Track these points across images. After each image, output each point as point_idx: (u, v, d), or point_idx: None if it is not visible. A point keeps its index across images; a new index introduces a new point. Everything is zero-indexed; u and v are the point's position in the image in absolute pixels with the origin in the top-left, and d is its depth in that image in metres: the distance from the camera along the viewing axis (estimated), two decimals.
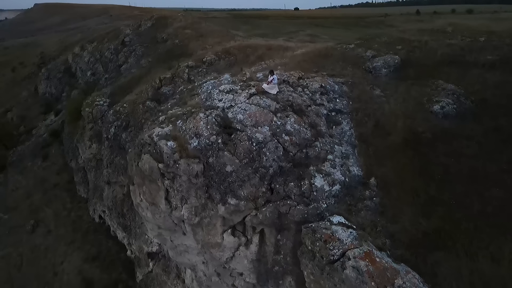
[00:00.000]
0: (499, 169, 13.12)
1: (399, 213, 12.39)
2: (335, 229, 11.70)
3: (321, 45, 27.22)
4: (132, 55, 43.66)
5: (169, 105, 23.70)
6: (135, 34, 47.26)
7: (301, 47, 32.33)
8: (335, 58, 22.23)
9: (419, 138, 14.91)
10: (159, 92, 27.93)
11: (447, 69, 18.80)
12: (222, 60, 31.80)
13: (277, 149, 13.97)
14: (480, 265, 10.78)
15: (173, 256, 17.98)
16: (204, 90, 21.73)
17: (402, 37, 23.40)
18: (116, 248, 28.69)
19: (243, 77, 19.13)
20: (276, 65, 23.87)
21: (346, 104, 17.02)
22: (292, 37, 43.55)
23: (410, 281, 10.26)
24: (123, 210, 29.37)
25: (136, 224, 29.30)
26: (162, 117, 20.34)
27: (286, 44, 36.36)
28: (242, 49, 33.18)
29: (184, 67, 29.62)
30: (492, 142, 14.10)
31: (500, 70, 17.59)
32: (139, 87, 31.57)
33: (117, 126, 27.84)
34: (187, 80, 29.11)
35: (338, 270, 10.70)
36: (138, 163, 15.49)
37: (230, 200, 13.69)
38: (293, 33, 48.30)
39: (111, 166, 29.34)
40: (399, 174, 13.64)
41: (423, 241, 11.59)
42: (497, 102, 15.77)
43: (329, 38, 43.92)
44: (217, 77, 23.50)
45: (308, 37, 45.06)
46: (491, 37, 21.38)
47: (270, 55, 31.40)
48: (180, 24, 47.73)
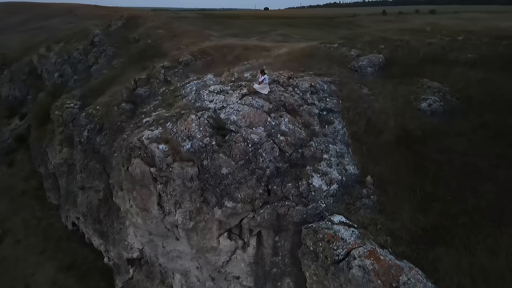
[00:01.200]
0: (490, 164, 13.50)
1: (397, 210, 12.50)
2: (337, 229, 11.65)
3: (304, 44, 27.29)
4: (103, 55, 42.28)
5: (151, 106, 23.09)
6: (105, 34, 45.80)
7: (279, 46, 32.40)
8: (320, 57, 22.32)
9: (410, 135, 15.15)
10: (135, 93, 27.05)
11: (430, 67, 19.25)
12: (199, 60, 31.44)
13: (273, 149, 13.79)
14: (479, 259, 11.00)
15: (163, 263, 17.43)
16: (188, 91, 21.37)
17: (384, 36, 23.81)
18: (92, 255, 27.65)
19: (231, 77, 18.83)
20: (260, 65, 23.72)
21: (336, 103, 17.08)
22: (264, 37, 43.62)
23: (414, 277, 10.33)
24: (100, 216, 28.37)
25: (115, 230, 28.36)
26: (146, 119, 19.83)
27: (263, 44, 36.34)
28: (218, 49, 32.95)
29: (160, 67, 28.94)
30: (480, 138, 14.51)
31: (481, 68, 18.19)
32: (112, 89, 30.64)
33: (90, 129, 26.78)
34: (164, 81, 28.46)
35: (344, 270, 10.64)
36: (128, 167, 14.90)
37: (227, 203, 13.40)
38: (265, 33, 48.31)
39: (85, 171, 28.25)
40: (394, 171, 13.79)
41: (422, 237, 11.72)
42: (482, 99, 16.27)
43: (301, 37, 44.28)
44: (200, 78, 23.13)
45: (280, 36, 45.20)
46: (469, 36, 22.10)
47: (247, 55, 31.32)
48: (152, 24, 46.78)
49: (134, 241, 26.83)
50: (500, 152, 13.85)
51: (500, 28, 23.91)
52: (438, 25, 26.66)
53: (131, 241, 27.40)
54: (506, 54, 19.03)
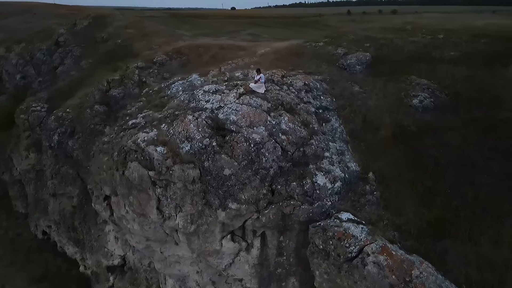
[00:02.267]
0: (484, 157, 14.01)
1: (401, 205, 12.71)
2: (346, 226, 11.67)
3: (288, 43, 27.32)
4: (69, 56, 40.59)
5: (135, 108, 22.34)
6: (70, 34, 44.00)
7: (255, 46, 32.37)
8: (308, 56, 22.43)
9: (406, 131, 15.49)
10: (108, 95, 26.14)
11: (417, 65, 19.78)
12: (174, 60, 30.94)
13: (276, 149, 13.64)
14: (484, 249, 11.36)
15: (160, 268, 16.88)
16: (175, 91, 20.97)
17: (367, 35, 24.26)
18: (67, 265, 26.67)
19: (223, 77, 18.49)
20: (247, 64, 23.57)
21: (331, 101, 17.17)
22: (234, 36, 43.63)
23: (426, 271, 10.50)
24: (74, 223, 27.33)
25: (92, 237, 27.34)
26: (132, 121, 19.24)
27: (239, 43, 36.21)
28: (193, 49, 32.56)
29: (134, 68, 28.14)
30: (472, 133, 15.03)
31: (465, 65, 18.88)
32: (82, 91, 29.59)
33: (61, 133, 25.68)
34: (138, 82, 27.78)
35: (358, 267, 10.66)
36: (124, 171, 14.29)
37: (231, 205, 13.12)
38: (234, 32, 48.27)
39: (56, 177, 27.06)
40: (394, 167, 14.02)
41: (428, 231, 11.98)
42: (469, 95, 16.89)
43: (270, 37, 44.73)
44: (185, 78, 22.71)
45: (250, 36, 45.32)
46: (449, 35, 22.94)
47: (224, 54, 31.09)
48: (121, 23, 45.55)
49: (115, 247, 26.01)
50: (492, 145, 14.40)
51: (476, 27, 24.95)
52: (417, 24, 27.50)
53: (111, 248, 26.49)
54: (486, 51, 19.89)
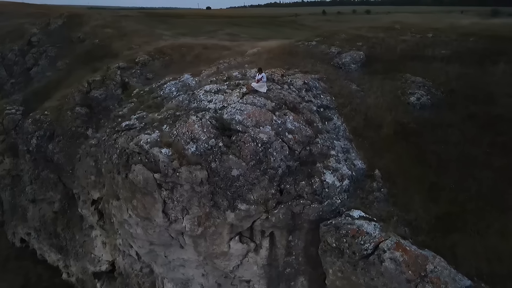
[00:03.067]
0: (484, 152, 14.41)
1: (410, 202, 12.90)
2: (359, 224, 11.74)
3: (280, 42, 27.34)
4: (43, 56, 39.40)
5: (126, 109, 21.85)
6: (44, 34, 42.69)
7: (239, 45, 32.39)
8: (302, 55, 22.47)
9: (406, 129, 15.74)
10: (89, 96, 25.62)
11: (410, 63, 20.16)
12: (157, 60, 30.66)
13: (283, 148, 13.57)
14: (491, 242, 11.67)
15: (162, 273, 16.53)
16: (168, 92, 20.76)
17: (359, 34, 24.57)
18: (48, 273, 26.18)
19: (222, 77, 18.28)
20: (240, 63, 23.40)
21: (330, 100, 17.25)
22: (212, 36, 43.60)
23: (439, 265, 10.69)
24: (56, 229, 26.68)
25: (77, 243, 26.64)
26: (126, 123, 18.80)
27: (222, 43, 36.15)
28: (176, 49, 32.39)
29: (115, 68, 27.66)
30: (470, 129, 15.44)
31: (457, 63, 19.38)
32: (60, 92, 28.96)
33: (40, 136, 25.01)
34: (121, 83, 27.26)
35: (375, 264, 10.74)
36: (127, 175, 13.88)
37: (240, 206, 12.97)
38: (212, 32, 48.13)
39: (36, 182, 26.36)
40: (399, 164, 14.23)
41: (437, 226, 12.21)
42: (464, 92, 17.33)
43: (248, 36, 44.96)
44: (177, 78, 22.45)
45: (228, 36, 45.33)
46: (438, 34, 23.52)
47: (208, 54, 31.01)
48: (98, 22, 44.69)
49: (102, 253, 25.42)
50: (490, 141, 14.83)
51: (462, 26, 25.77)
52: (405, 23, 28.11)
53: (98, 254, 25.89)
54: (475, 49, 20.50)
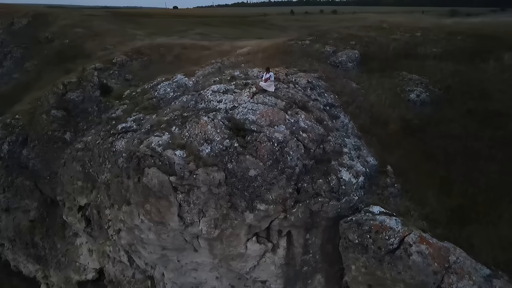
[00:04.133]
0: (486, 146, 15.04)
1: (424, 196, 13.26)
2: (381, 219, 11.92)
3: (271, 41, 27.38)
4: (8, 57, 37.95)
5: (118, 111, 21.32)
6: (8, 34, 41.13)
7: (219, 45, 32.31)
8: (297, 54, 22.60)
9: (411, 125, 16.19)
10: (65, 99, 24.79)
11: (405, 61, 20.75)
12: (135, 61, 30.23)
13: (298, 147, 13.58)
14: (504, 232, 12.18)
15: (171, 278, 16.14)
16: (163, 93, 20.64)
17: (350, 33, 25.01)
18: (25, 284, 25.18)
19: (225, 76, 18.07)
20: (235, 63, 23.27)
21: (334, 98, 17.44)
22: (183, 36, 43.47)
23: (461, 256, 11.05)
24: (34, 239, 25.66)
25: (59, 252, 25.71)
26: (122, 125, 18.49)
27: (201, 43, 35.96)
28: (154, 49, 32.04)
29: (92, 69, 26.97)
30: (471, 124, 16.08)
31: (450, 61, 20.13)
32: (31, 95, 28.13)
33: (12, 141, 24.11)
34: (98, 84, 26.54)
35: (402, 258, 10.94)
36: (140, 178, 13.45)
37: (259, 206, 12.88)
38: (183, 31, 47.92)
39: (10, 190, 25.19)
40: (409, 159, 14.60)
41: (452, 218, 12.62)
42: (460, 89, 18.02)
43: (220, 36, 45.16)
44: (169, 78, 22.21)
45: (199, 35, 45.28)
46: (426, 33, 24.32)
47: (188, 54, 30.87)
48: (66, 22, 43.50)
49: (88, 261, 24.63)
50: (491, 134, 15.49)
51: (447, 25, 26.77)
52: (391, 22, 28.81)
53: (84, 262, 25.08)
54: (465, 47, 21.36)
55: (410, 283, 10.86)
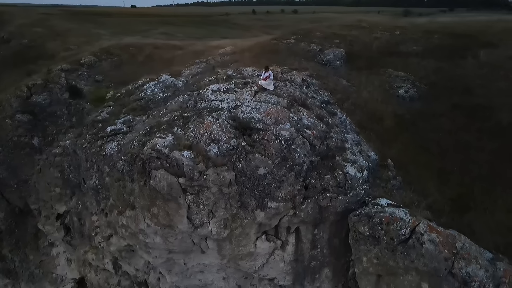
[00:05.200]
0: (474, 138, 15.95)
1: (425, 187, 13.87)
2: (391, 211, 12.33)
3: (255, 40, 27.45)
4: None
5: (104, 113, 20.65)
6: None
7: (192, 45, 32.04)
8: (284, 53, 22.86)
9: (404, 120, 16.86)
10: (30, 102, 23.74)
11: (389, 59, 21.54)
12: (105, 61, 29.44)
13: (304, 144, 13.76)
14: (501, 217, 13.02)
15: (175, 281, 15.83)
16: (151, 93, 20.28)
17: (334, 32, 25.59)
18: None
19: (221, 76, 17.94)
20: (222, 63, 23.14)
21: (329, 95, 17.81)
22: (147, 36, 42.83)
23: (466, 242, 11.67)
24: (2, 251, 24.40)
25: (31, 264, 24.62)
26: (111, 127, 18.00)
27: (172, 42, 35.59)
28: (124, 49, 31.35)
29: (58, 70, 25.93)
30: (459, 117, 16.98)
31: (431, 58, 21.13)
32: None
33: None
34: (67, 86, 25.66)
35: (415, 246, 11.39)
36: (146, 181, 13.09)
37: (270, 204, 12.94)
38: (145, 31, 47.21)
39: None
40: (406, 153, 15.20)
41: (453, 207, 13.30)
42: (444, 85, 18.97)
43: (185, 36, 44.96)
44: (155, 79, 21.83)
45: (163, 35, 44.86)
46: (404, 31, 25.35)
47: (160, 54, 30.47)
48: (24, 21, 41.56)
49: (66, 271, 23.77)
50: (478, 127, 16.46)
51: (422, 24, 28.01)
52: (369, 22, 29.77)
53: (61, 272, 24.21)
54: (443, 45, 22.48)
55: (423, 270, 11.32)
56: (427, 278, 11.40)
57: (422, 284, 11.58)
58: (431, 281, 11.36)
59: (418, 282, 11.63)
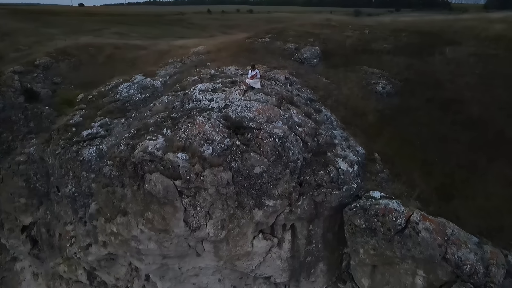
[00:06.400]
0: (449, 130, 16.93)
1: (411, 178, 14.52)
2: (385, 203, 12.78)
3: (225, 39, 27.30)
4: None
5: (76, 117, 19.75)
6: None
7: (155, 44, 31.45)
8: (261, 51, 22.90)
9: (384, 115, 17.51)
10: None
11: (363, 56, 22.27)
12: (61, 63, 28.19)
13: (297, 141, 13.90)
14: (481, 204, 13.91)
15: (168, 287, 15.41)
16: (126, 94, 19.75)
17: (306, 30, 26.02)
18: None
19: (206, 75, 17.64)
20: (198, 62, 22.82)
21: (312, 93, 18.11)
22: (99, 35, 41.63)
23: (454, 228, 12.40)
24: None
25: None
26: (88, 131, 17.36)
27: (133, 42, 34.80)
28: (82, 49, 30.20)
29: (11, 73, 24.58)
30: (433, 111, 17.92)
31: (402, 55, 22.12)
32: None
33: None
34: (21, 89, 24.42)
35: (411, 236, 11.89)
36: (140, 186, 12.61)
37: (268, 202, 12.97)
38: (97, 31, 45.80)
39: None
40: (391, 146, 15.82)
41: (439, 195, 14.05)
42: (417, 80, 19.94)
43: (140, 35, 44.24)
44: (128, 80, 21.28)
45: (117, 35, 43.85)
46: (373, 30, 26.31)
47: (122, 54, 29.76)
48: None
49: (33, 286, 22.63)
50: (451, 120, 17.47)
51: (387, 23, 29.20)
52: (337, 20, 30.57)
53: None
54: (411, 43, 23.64)
55: (419, 258, 11.86)
56: (423, 265, 11.97)
57: (418, 271, 12.15)
58: (426, 267, 11.95)
59: (414, 270, 12.18)
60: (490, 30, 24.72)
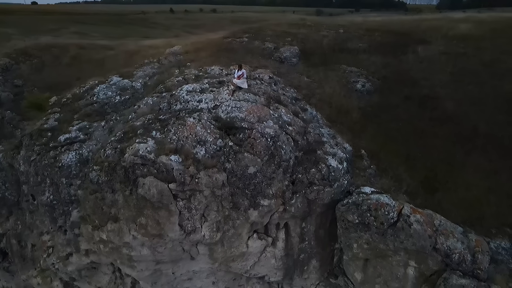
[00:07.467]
0: (428, 125, 17.67)
1: (397, 173, 15.06)
2: (376, 197, 13.17)
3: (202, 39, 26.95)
4: None
5: (51, 121, 18.92)
6: None
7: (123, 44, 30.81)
8: (240, 51, 22.82)
9: (366, 112, 18.00)
10: None
11: (340, 55, 22.77)
12: (23, 64, 27.07)
13: (288, 140, 14.00)
14: (463, 195, 14.64)
15: None
16: (104, 97, 19.23)
17: (283, 30, 26.22)
18: None
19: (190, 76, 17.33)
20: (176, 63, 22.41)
21: (296, 92, 18.29)
22: (57, 35, 40.36)
23: (441, 219, 12.99)
24: None
25: None
26: (66, 135, 16.97)
27: (99, 42, 33.90)
28: (44, 50, 29.11)
29: None
30: (412, 108, 18.63)
31: (378, 54, 22.83)
32: None
33: None
34: None
35: (404, 228, 12.32)
36: (132, 190, 12.22)
37: (263, 202, 13.00)
38: (55, 30, 44.29)
39: None
40: (375, 143, 16.30)
41: (424, 189, 14.65)
42: (395, 78, 20.65)
43: (102, 35, 43.33)
44: (104, 81, 20.64)
45: (77, 35, 42.68)
46: (347, 30, 26.94)
47: (89, 55, 28.98)
48: None
49: None
50: (429, 115, 18.25)
51: (359, 23, 29.99)
52: (312, 20, 31.04)
53: None
54: (385, 42, 24.43)
55: (412, 249, 12.32)
56: (414, 256, 12.45)
57: (410, 262, 12.63)
58: (418, 258, 12.44)
59: (406, 261, 12.64)
60: (456, 30, 26.03)
